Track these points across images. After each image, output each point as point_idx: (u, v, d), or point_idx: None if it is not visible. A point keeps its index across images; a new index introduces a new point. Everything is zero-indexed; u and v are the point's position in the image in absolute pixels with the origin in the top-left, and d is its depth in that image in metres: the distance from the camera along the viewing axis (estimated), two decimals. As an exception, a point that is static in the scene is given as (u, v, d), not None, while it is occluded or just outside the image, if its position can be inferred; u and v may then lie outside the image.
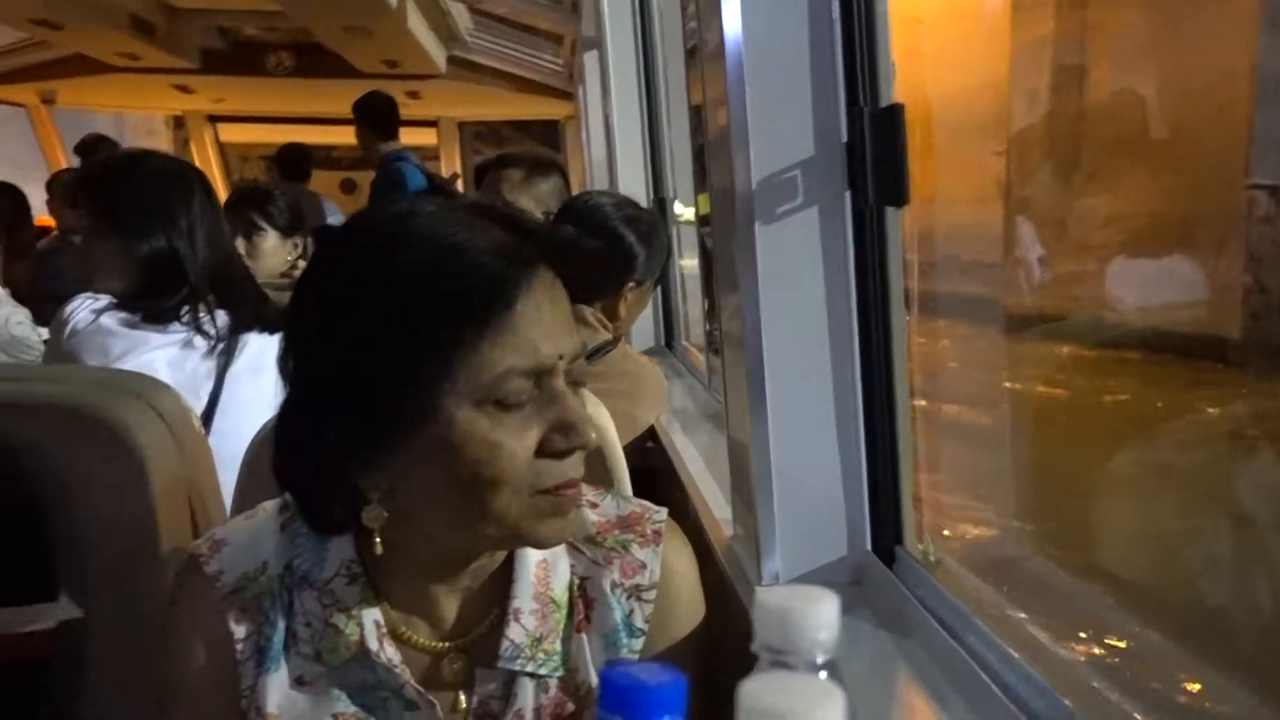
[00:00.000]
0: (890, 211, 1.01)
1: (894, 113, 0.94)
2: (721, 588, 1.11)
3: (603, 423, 1.25)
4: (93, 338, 1.70)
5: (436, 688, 0.87)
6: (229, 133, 8.61)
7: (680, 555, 0.95)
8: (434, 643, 0.89)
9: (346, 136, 4.90)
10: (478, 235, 0.78)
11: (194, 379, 1.69)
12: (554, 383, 0.79)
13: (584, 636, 0.90)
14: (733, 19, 0.97)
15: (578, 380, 0.83)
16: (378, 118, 4.46)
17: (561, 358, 0.79)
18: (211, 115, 8.12)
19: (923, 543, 1.07)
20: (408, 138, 4.63)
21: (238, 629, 0.86)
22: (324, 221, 4.47)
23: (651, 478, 1.98)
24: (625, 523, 0.94)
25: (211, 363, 1.73)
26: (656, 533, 0.93)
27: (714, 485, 1.49)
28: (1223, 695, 0.90)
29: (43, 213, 4.61)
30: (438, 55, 6.43)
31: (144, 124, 8.25)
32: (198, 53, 6.52)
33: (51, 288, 3.58)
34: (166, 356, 1.70)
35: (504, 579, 0.90)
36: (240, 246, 2.63)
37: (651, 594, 0.91)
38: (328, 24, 5.61)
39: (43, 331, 3.32)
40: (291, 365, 0.84)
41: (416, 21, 5.67)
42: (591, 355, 1.76)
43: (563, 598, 0.90)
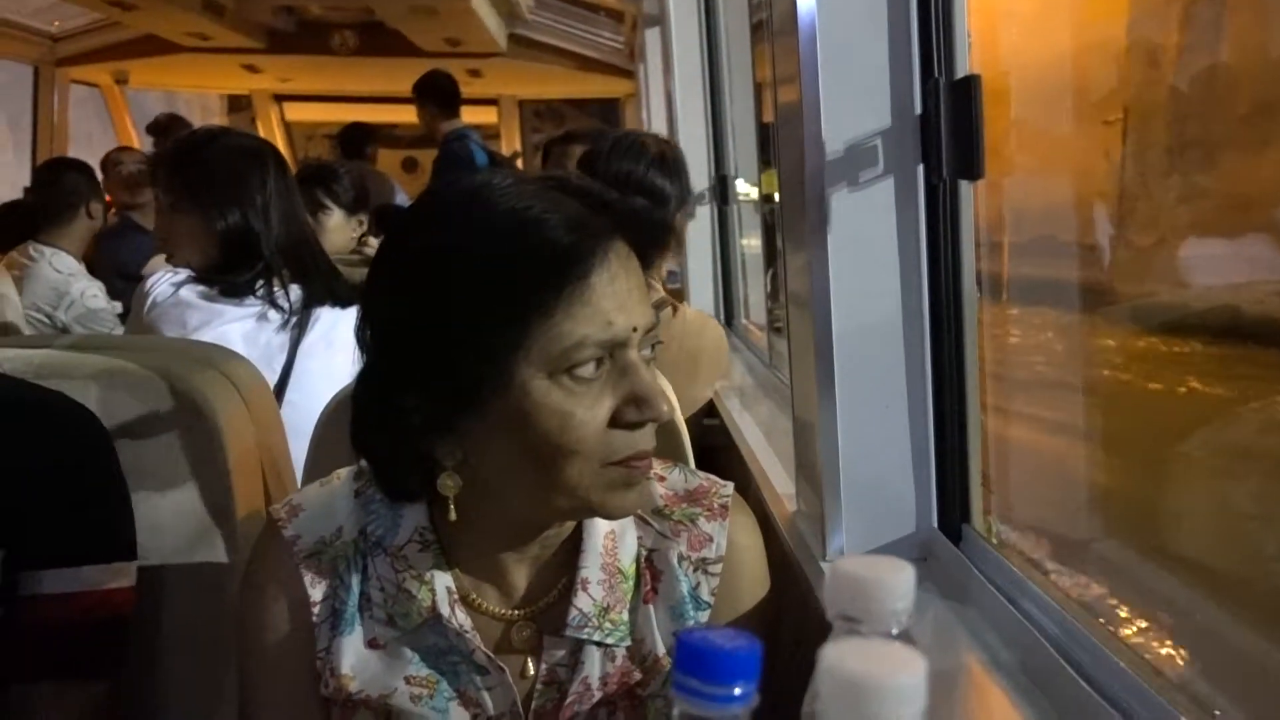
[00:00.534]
0: (964, 185, 0.99)
1: (970, 84, 0.92)
2: (784, 562, 1.11)
3: (664, 385, 1.25)
4: (171, 310, 1.75)
5: (505, 654, 0.89)
6: (294, 111, 8.74)
7: (746, 530, 0.95)
8: (503, 610, 0.90)
9: (408, 115, 4.95)
10: (553, 207, 0.79)
11: (268, 351, 1.73)
12: (628, 355, 0.80)
13: (651, 607, 0.91)
14: (806, -9, 0.96)
15: (652, 349, 0.83)
16: (439, 96, 4.49)
17: (635, 330, 0.80)
18: (277, 94, 8.25)
19: (989, 521, 1.06)
20: (468, 116, 4.66)
21: (314, 591, 0.89)
22: (387, 199, 4.52)
23: (711, 453, 1.98)
24: (692, 496, 0.95)
25: (285, 336, 1.77)
26: (724, 507, 0.94)
27: (775, 461, 1.48)
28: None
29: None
30: (499, 34, 6.45)
31: (198, 102, 8.32)
32: (264, 32, 6.62)
33: (117, 266, 3.68)
34: (242, 329, 1.74)
35: (573, 549, 0.91)
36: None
37: (718, 567, 0.92)
38: (392, 3, 5.66)
39: (116, 305, 3.42)
40: (369, 335, 0.85)
41: (479, 0, 5.69)
42: None
43: (630, 569, 0.91)
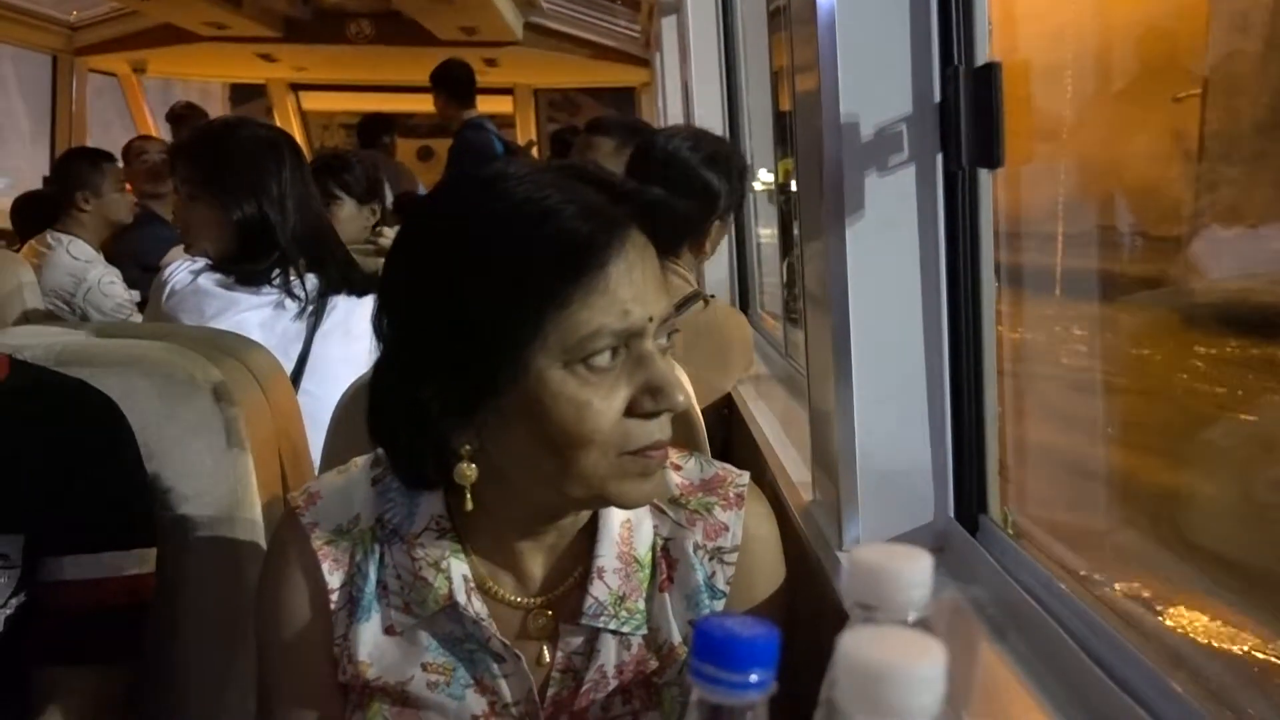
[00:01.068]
0: (983, 174, 0.98)
1: (990, 71, 0.92)
2: (800, 551, 1.11)
3: (685, 387, 1.25)
4: (189, 298, 1.76)
5: (522, 642, 0.89)
6: (310, 100, 8.76)
7: (762, 519, 0.95)
8: (519, 598, 0.91)
9: (424, 104, 4.95)
10: (569, 197, 0.79)
11: (284, 339, 1.74)
12: (644, 344, 0.80)
13: (666, 596, 0.91)
14: (825, -23, 0.95)
15: (669, 338, 0.83)
16: (455, 85, 4.50)
17: (651, 319, 0.80)
18: (293, 83, 8.26)
19: (1006, 510, 1.05)
20: (484, 105, 4.66)
21: (332, 579, 0.89)
22: (407, 188, 4.53)
23: (728, 443, 1.98)
24: (708, 485, 0.95)
25: (301, 324, 1.78)
26: (739, 496, 0.94)
27: (792, 450, 1.48)
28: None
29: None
30: (515, 22, 6.44)
31: (199, 90, 8.21)
32: (281, 21, 6.63)
33: (136, 256, 3.70)
34: (258, 317, 1.75)
35: (588, 538, 0.91)
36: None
37: (733, 556, 0.92)
38: (409, -8, 5.67)
39: (135, 294, 3.44)
40: (386, 325, 0.85)
41: (496, -12, 5.69)
42: (676, 308, 1.73)
43: (646, 557, 0.91)
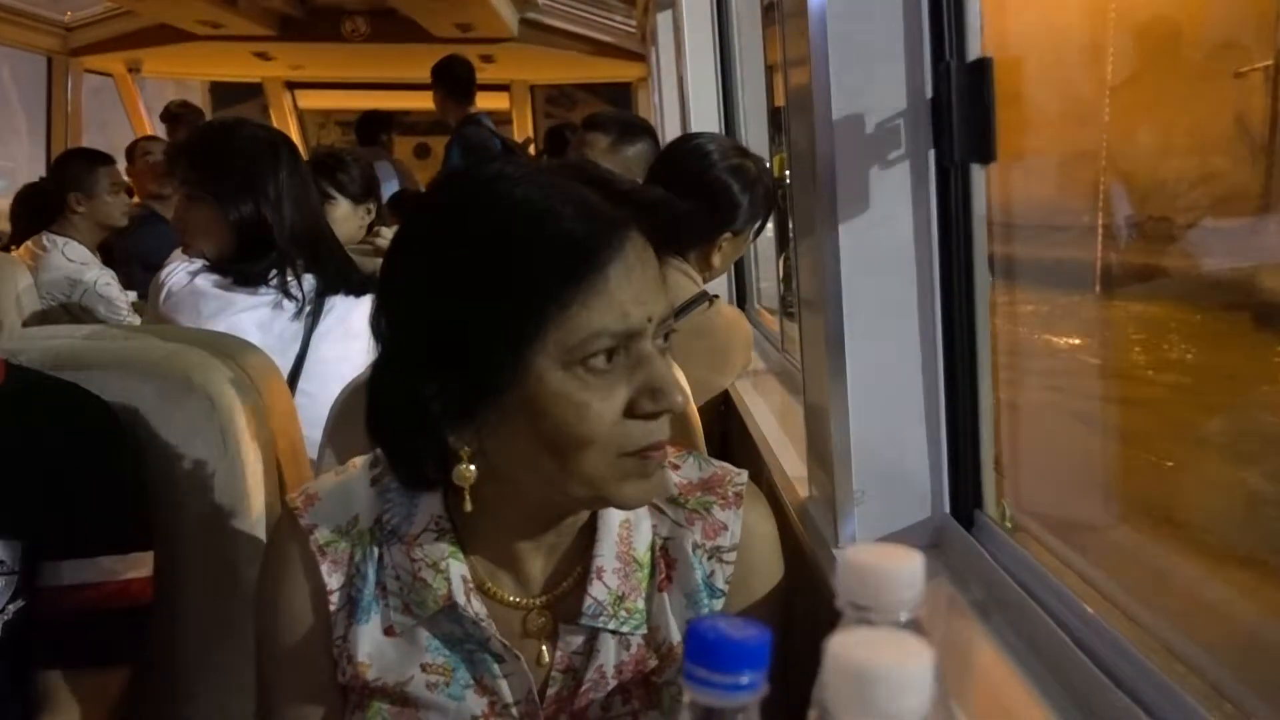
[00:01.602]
0: (975, 168, 0.98)
1: (982, 67, 0.92)
2: (797, 548, 1.11)
3: (682, 385, 1.25)
4: (186, 299, 1.76)
5: (521, 642, 0.90)
6: (306, 99, 8.74)
7: (761, 518, 0.95)
8: (519, 598, 0.91)
9: (420, 101, 4.95)
10: (569, 197, 0.79)
11: (281, 340, 1.74)
12: (642, 345, 0.80)
13: (666, 596, 0.91)
14: (815, -26, 0.95)
15: (666, 338, 0.83)
16: (454, 82, 4.49)
17: (650, 320, 0.80)
18: (289, 82, 8.25)
19: (1001, 506, 1.05)
20: (480, 102, 4.66)
21: (331, 580, 0.89)
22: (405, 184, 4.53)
23: (725, 439, 1.98)
24: (707, 484, 0.95)
25: (299, 325, 1.78)
26: (738, 495, 0.94)
27: (789, 446, 1.48)
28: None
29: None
30: (511, 19, 6.42)
31: (175, 89, 8.06)
32: (276, 20, 6.62)
33: (138, 256, 3.70)
34: (256, 318, 1.75)
35: (588, 538, 0.91)
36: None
37: (732, 555, 0.92)
38: (403, -13, 5.65)
39: (131, 294, 3.44)
40: (384, 324, 0.85)
41: (491, -16, 5.68)
42: (681, 311, 1.73)
43: (645, 557, 0.92)
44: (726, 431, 1.99)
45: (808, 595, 1.04)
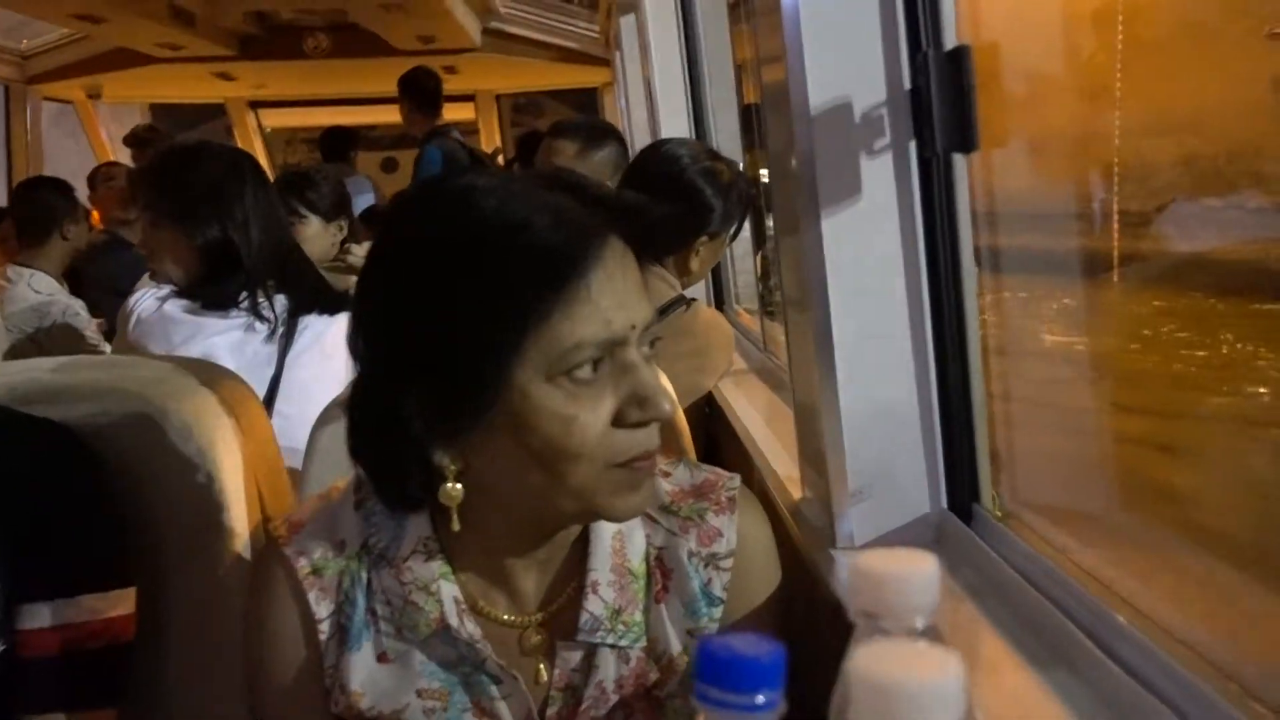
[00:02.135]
0: (957, 159, 0.97)
1: (960, 55, 0.90)
2: (791, 550, 1.09)
3: (668, 388, 1.23)
4: (156, 326, 1.73)
5: (518, 661, 0.87)
6: (271, 118, 8.67)
7: (756, 522, 0.94)
8: (513, 617, 0.89)
9: (386, 115, 4.91)
10: (544, 206, 0.77)
11: (255, 363, 1.71)
12: (627, 353, 0.78)
13: (663, 606, 0.89)
14: (787, -33, 0.93)
15: (651, 345, 0.81)
16: (420, 95, 4.46)
17: (634, 327, 0.78)
18: (252, 101, 8.18)
19: (996, 496, 1.04)
20: (446, 113, 4.63)
21: (319, 609, 0.87)
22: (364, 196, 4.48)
23: (711, 441, 1.97)
24: (699, 491, 0.93)
25: (272, 347, 1.75)
26: (731, 500, 0.92)
27: (777, 446, 1.47)
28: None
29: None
30: (473, 29, 6.39)
31: (116, 116, 7.83)
32: (236, 40, 6.55)
33: (105, 282, 3.64)
34: (228, 342, 1.72)
35: (580, 551, 0.89)
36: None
37: (729, 562, 0.90)
38: (363, 2, 5.61)
39: (101, 321, 3.39)
40: (362, 344, 0.83)
41: (451, -5, 5.65)
42: (659, 314, 1.72)
43: (640, 568, 0.90)
44: (712, 434, 1.98)
45: (805, 597, 1.03)
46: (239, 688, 0.91)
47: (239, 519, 1.22)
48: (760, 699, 0.44)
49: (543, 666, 0.89)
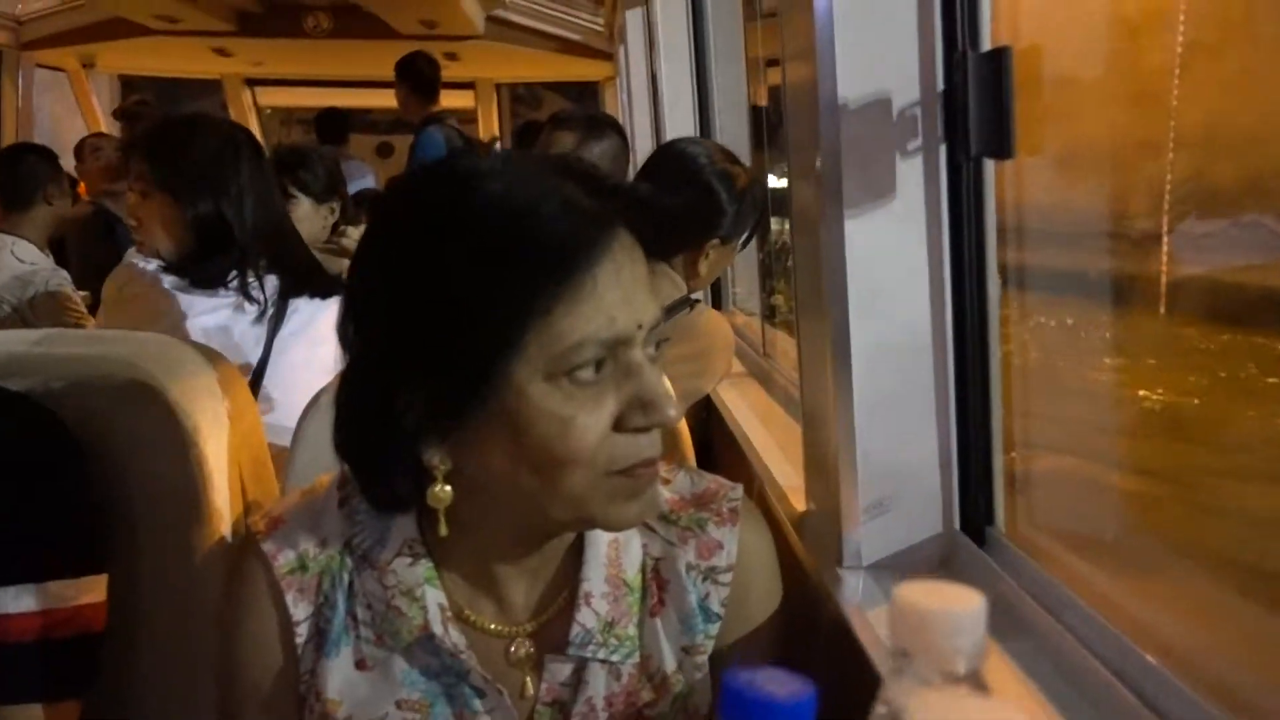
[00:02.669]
0: (987, 165, 0.93)
1: (1000, 57, 0.86)
2: (793, 565, 1.05)
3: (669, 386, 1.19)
4: (142, 301, 1.68)
5: (504, 673, 0.83)
6: (267, 96, 8.58)
7: (758, 535, 0.90)
8: (501, 626, 0.84)
9: (384, 99, 4.85)
10: (551, 193, 0.72)
11: (243, 344, 1.67)
12: (632, 354, 0.73)
13: (658, 620, 0.85)
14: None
15: (657, 347, 0.77)
16: (418, 80, 4.41)
17: (640, 327, 0.73)
18: (249, 79, 8.09)
19: (1014, 522, 1.00)
20: (445, 100, 4.59)
21: (296, 610, 0.83)
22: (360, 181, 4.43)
23: (708, 446, 1.93)
24: (700, 500, 0.89)
25: (261, 328, 1.70)
26: (733, 511, 0.88)
27: (776, 453, 1.43)
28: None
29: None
30: (476, 16, 6.33)
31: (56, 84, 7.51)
32: (235, 15, 6.47)
33: (90, 254, 3.58)
34: (215, 321, 1.67)
35: (574, 560, 0.85)
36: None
37: (728, 576, 0.86)
38: (367, -17, 5.55)
39: (84, 294, 3.33)
40: (353, 331, 0.78)
41: (456, -20, 5.59)
42: (664, 313, 1.68)
43: (635, 580, 0.86)
44: (708, 438, 1.94)
45: (806, 615, 0.99)
46: (211, 686, 0.87)
47: (220, 508, 1.17)
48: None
49: (530, 680, 0.84)
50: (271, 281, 1.74)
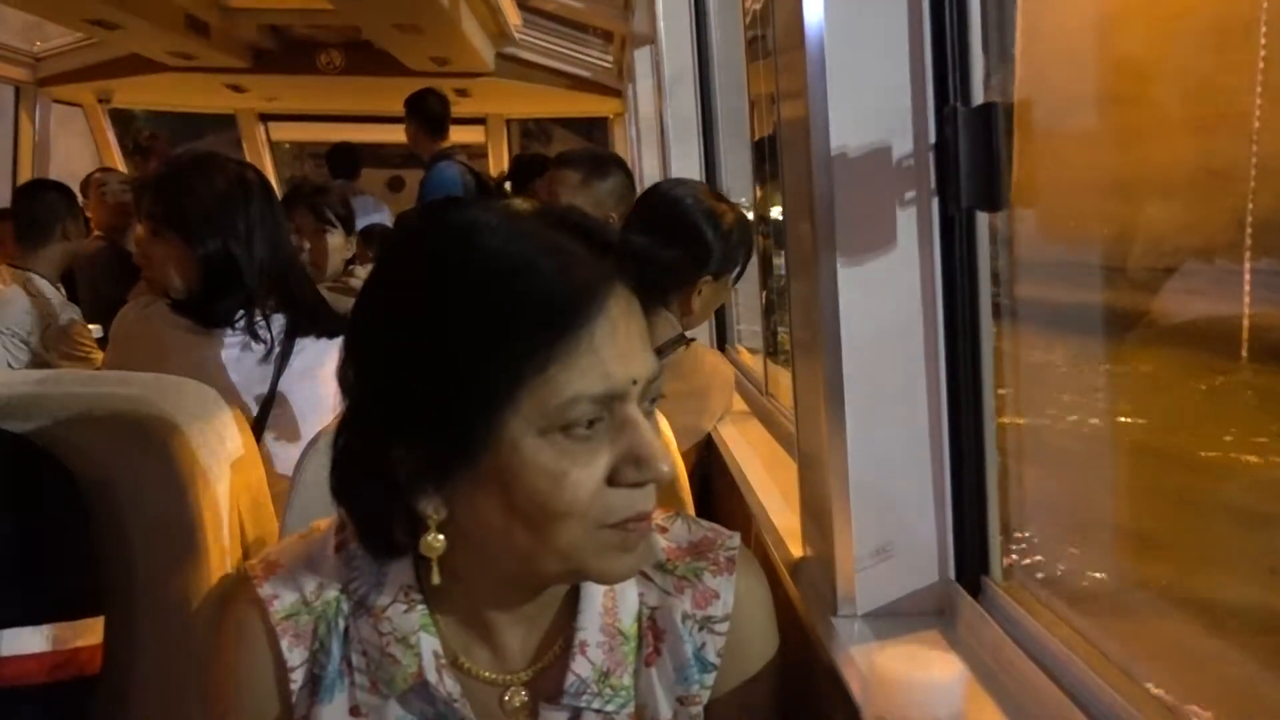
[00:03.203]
0: (980, 217, 0.94)
1: (989, 112, 0.87)
2: (790, 612, 1.05)
3: (666, 436, 1.19)
4: (148, 339, 1.69)
5: None
6: (280, 131, 8.67)
7: (755, 585, 0.89)
8: (496, 674, 0.84)
9: (395, 134, 4.89)
10: (548, 250, 0.73)
11: (248, 384, 1.68)
12: (626, 409, 0.73)
13: (654, 670, 0.85)
14: (814, 8, 0.90)
15: (653, 402, 0.77)
16: (427, 117, 4.45)
17: (635, 382, 0.74)
18: (263, 114, 8.18)
19: (1011, 573, 1.00)
20: (455, 135, 4.62)
21: (291, 656, 0.83)
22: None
23: (707, 483, 1.92)
24: (697, 549, 0.89)
25: (267, 368, 1.71)
26: (730, 560, 0.88)
27: (776, 496, 1.42)
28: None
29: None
30: (487, 53, 6.40)
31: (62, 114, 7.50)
32: (250, 52, 6.56)
33: (99, 290, 3.61)
34: (221, 359, 1.68)
35: (570, 608, 0.85)
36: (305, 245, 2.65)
37: (724, 626, 0.86)
38: (379, 22, 5.60)
39: (96, 329, 3.35)
40: (352, 377, 0.79)
41: (467, 19, 5.64)
42: (657, 352, 1.69)
43: (631, 629, 0.85)
44: (708, 476, 1.94)
45: (802, 664, 0.98)
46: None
47: (219, 550, 1.17)
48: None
49: None
50: (278, 320, 1.75)
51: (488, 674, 0.84)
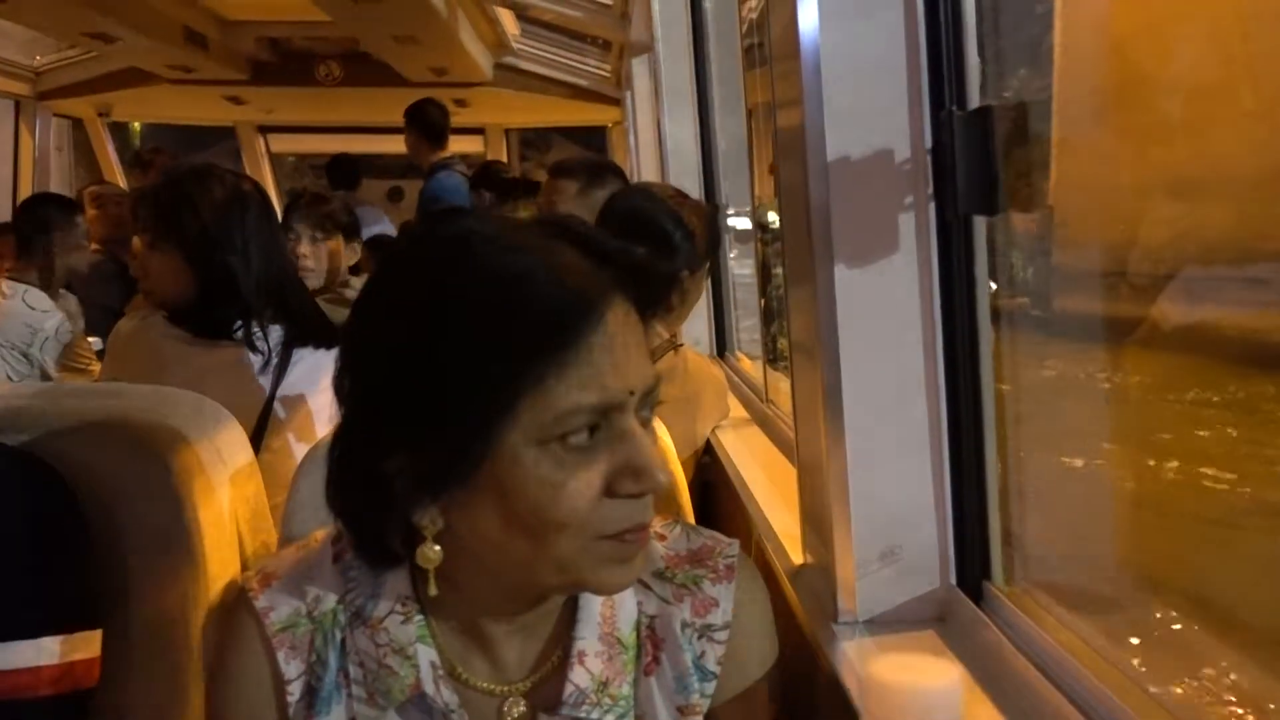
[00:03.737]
0: (977, 222, 0.94)
1: (985, 115, 0.87)
2: (790, 620, 1.04)
3: (665, 444, 1.19)
4: (145, 351, 1.69)
5: None
6: (279, 143, 8.68)
7: (754, 593, 0.89)
8: (494, 685, 0.84)
9: (394, 145, 4.89)
10: (546, 260, 0.72)
11: (245, 395, 1.67)
12: (623, 420, 0.73)
13: (653, 679, 0.85)
14: (809, 16, 0.90)
15: (651, 410, 0.77)
16: (427, 127, 4.46)
17: (633, 393, 0.73)
18: (261, 126, 8.20)
19: (1013, 578, 0.99)
20: (455, 145, 4.63)
21: (288, 669, 0.82)
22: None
23: (706, 490, 1.92)
24: (696, 557, 0.88)
25: (265, 379, 1.70)
26: (729, 567, 0.88)
27: (777, 503, 1.42)
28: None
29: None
30: (485, 62, 6.41)
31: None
32: (248, 64, 6.57)
33: (98, 302, 3.61)
34: (219, 371, 1.68)
35: (568, 618, 0.84)
36: (308, 251, 2.66)
37: (723, 634, 0.85)
38: (377, 33, 5.60)
39: (95, 341, 3.35)
40: (348, 387, 0.79)
41: (465, 29, 5.65)
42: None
43: (630, 638, 0.85)
44: (708, 483, 1.93)
45: (802, 672, 0.98)
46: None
47: (217, 562, 1.17)
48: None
49: None
50: (276, 332, 1.74)
51: (486, 685, 0.84)
